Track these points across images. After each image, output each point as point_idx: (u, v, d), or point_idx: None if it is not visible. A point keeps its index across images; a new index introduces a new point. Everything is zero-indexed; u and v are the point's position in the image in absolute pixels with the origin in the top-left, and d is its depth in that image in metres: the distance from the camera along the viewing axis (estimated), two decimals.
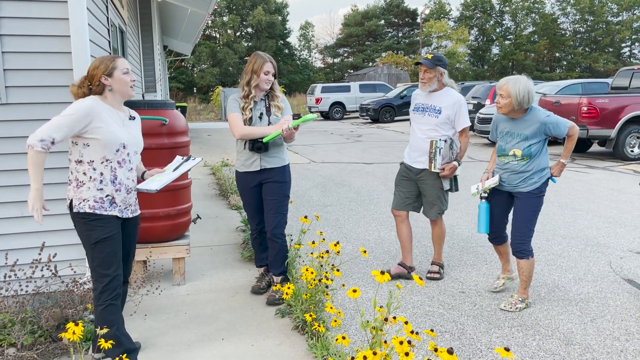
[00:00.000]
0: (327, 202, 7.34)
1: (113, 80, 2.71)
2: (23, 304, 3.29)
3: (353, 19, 57.60)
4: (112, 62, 2.71)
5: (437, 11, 56.04)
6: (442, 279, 4.31)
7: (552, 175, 3.71)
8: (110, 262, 2.71)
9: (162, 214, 4.05)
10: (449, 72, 4.22)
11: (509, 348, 1.78)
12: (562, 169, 3.72)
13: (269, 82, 3.76)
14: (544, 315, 3.64)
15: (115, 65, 2.71)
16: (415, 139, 4.19)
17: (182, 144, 4.14)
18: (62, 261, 3.56)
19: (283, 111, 3.85)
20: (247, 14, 50.33)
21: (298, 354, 3.07)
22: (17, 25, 3.39)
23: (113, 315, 2.73)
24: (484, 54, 55.14)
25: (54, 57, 3.47)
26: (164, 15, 14.28)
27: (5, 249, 3.48)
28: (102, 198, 2.70)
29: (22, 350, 3.10)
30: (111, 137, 2.66)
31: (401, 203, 4.33)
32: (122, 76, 2.73)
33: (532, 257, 3.70)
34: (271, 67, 3.75)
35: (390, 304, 2.29)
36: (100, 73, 2.69)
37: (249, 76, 3.74)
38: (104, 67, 2.69)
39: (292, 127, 3.58)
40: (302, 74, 53.78)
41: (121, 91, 2.75)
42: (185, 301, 3.88)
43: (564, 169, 3.74)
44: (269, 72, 3.73)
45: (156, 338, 3.29)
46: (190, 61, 45.67)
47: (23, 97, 3.45)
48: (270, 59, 3.80)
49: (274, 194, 3.82)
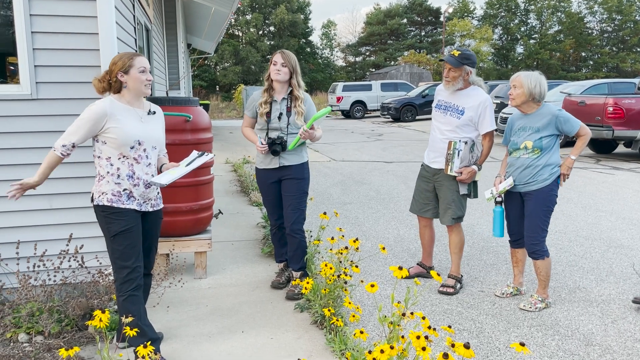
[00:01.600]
0: (347, 200, 7.36)
1: (128, 78, 2.76)
2: (51, 294, 3.40)
3: (375, 17, 57.44)
4: (130, 60, 2.77)
5: (460, 10, 55.55)
6: (456, 294, 4.00)
7: (561, 172, 3.64)
8: (129, 254, 2.78)
9: (185, 208, 4.13)
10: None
11: (524, 343, 1.79)
12: (571, 165, 3.63)
13: (277, 72, 3.74)
14: (564, 316, 3.62)
15: (132, 63, 2.76)
16: (434, 139, 4.04)
17: (205, 140, 4.21)
18: (89, 253, 3.66)
19: (306, 114, 3.83)
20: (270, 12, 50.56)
21: (316, 347, 3.11)
22: (48, 23, 3.49)
23: (134, 306, 2.80)
24: (508, 53, 54.47)
25: (83, 54, 3.56)
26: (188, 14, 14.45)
27: (34, 240, 3.59)
28: (119, 192, 2.77)
29: (49, 338, 3.21)
30: (125, 135, 2.73)
31: (419, 208, 4.20)
32: (138, 74, 2.77)
33: (548, 257, 3.68)
34: (280, 57, 3.75)
35: (407, 300, 2.31)
36: (117, 69, 2.76)
37: (268, 69, 3.81)
38: (122, 63, 2.76)
39: (307, 128, 3.63)
40: (323, 72, 53.84)
41: (135, 89, 2.79)
42: (206, 294, 3.95)
43: (572, 166, 3.66)
44: (277, 62, 3.74)
45: (178, 329, 3.37)
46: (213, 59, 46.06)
47: (52, 93, 3.56)
48: (283, 51, 3.79)
49: (292, 191, 3.87)
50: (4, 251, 3.53)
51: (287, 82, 3.82)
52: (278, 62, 3.75)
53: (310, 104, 3.90)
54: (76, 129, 2.70)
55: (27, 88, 3.51)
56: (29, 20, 3.45)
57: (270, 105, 3.83)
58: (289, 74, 3.77)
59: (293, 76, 3.80)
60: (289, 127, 3.81)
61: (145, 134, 2.82)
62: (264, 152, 3.76)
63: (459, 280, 4.09)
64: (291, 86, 3.83)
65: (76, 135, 2.70)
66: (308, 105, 3.88)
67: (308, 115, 3.83)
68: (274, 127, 3.83)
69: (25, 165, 3.55)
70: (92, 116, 2.69)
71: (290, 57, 3.77)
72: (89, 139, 2.75)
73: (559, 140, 3.67)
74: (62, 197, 3.65)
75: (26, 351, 3.08)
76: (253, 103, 3.92)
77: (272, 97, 3.84)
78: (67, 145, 2.69)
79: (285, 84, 3.83)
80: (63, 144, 2.69)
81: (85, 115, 2.71)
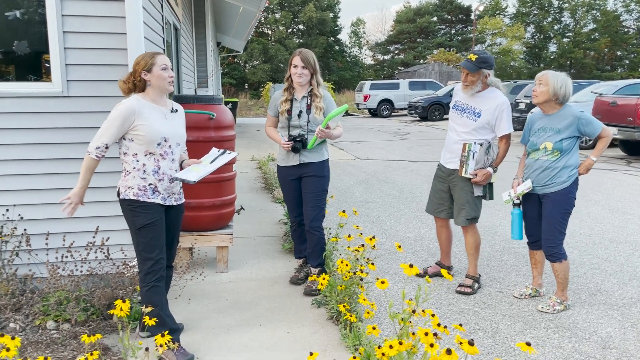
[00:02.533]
0: (369, 199, 7.39)
1: (152, 76, 2.87)
2: (78, 283, 3.54)
3: (405, 15, 57.04)
4: (152, 59, 2.88)
5: (492, 8, 54.70)
6: (474, 294, 4.01)
7: (579, 173, 3.61)
8: (154, 246, 2.89)
9: (207, 204, 4.24)
10: (503, 70, 4.05)
11: (530, 343, 1.81)
12: (590, 167, 3.60)
13: (298, 75, 3.80)
14: (583, 319, 3.59)
15: (154, 62, 2.87)
16: (449, 139, 4.03)
17: (228, 137, 4.31)
18: (114, 245, 3.79)
19: (325, 110, 3.89)
20: (299, 10, 50.72)
21: (331, 342, 3.17)
22: (78, 23, 3.63)
23: (157, 296, 2.91)
24: (541, 52, 53.39)
25: (111, 53, 3.69)
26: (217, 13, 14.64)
27: (63, 232, 3.74)
28: (145, 186, 2.88)
29: (75, 326, 3.35)
30: (153, 132, 2.83)
31: (434, 208, 4.21)
32: (160, 72, 2.87)
33: (566, 260, 3.65)
34: (298, 60, 3.80)
35: (418, 297, 2.35)
36: (140, 69, 2.87)
37: (288, 70, 3.88)
38: (144, 63, 2.87)
39: (322, 127, 3.68)
40: (351, 70, 53.74)
41: (159, 86, 2.90)
42: (227, 288, 4.05)
43: (591, 167, 3.63)
44: (298, 66, 3.80)
45: (198, 321, 3.47)
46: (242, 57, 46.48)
47: (82, 90, 3.70)
48: (301, 52, 3.84)
49: (312, 188, 3.93)
50: (34, 242, 3.68)
51: (308, 82, 3.90)
52: (298, 66, 3.81)
53: (329, 101, 3.95)
54: (106, 129, 2.81)
55: (58, 85, 3.66)
56: (61, 21, 3.59)
57: (291, 103, 3.90)
58: (309, 75, 3.85)
59: (313, 76, 3.87)
60: (309, 124, 3.87)
61: (170, 130, 2.92)
62: (288, 148, 3.83)
63: (476, 280, 4.08)
64: (311, 85, 3.89)
65: (107, 135, 2.80)
66: (327, 102, 3.93)
67: (327, 112, 3.89)
68: (294, 125, 3.90)
69: (55, 160, 3.70)
70: (121, 115, 2.80)
71: (309, 58, 3.83)
72: (120, 136, 2.85)
73: (579, 142, 3.64)
74: (89, 191, 3.74)
75: (54, 338, 3.22)
76: (275, 102, 4.00)
77: (292, 95, 3.92)
78: (101, 147, 2.80)
79: (307, 84, 3.90)
80: (97, 147, 2.80)
81: (113, 115, 2.82)
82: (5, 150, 3.63)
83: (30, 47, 3.69)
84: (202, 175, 2.96)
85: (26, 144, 3.66)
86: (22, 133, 3.65)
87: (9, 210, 3.67)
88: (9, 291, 3.51)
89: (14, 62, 3.72)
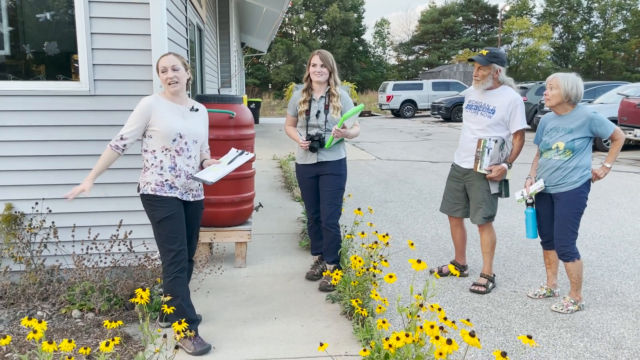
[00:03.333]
0: (388, 198, 7.44)
1: (159, 77, 3.04)
2: (102, 275, 3.69)
3: (430, 15, 56.73)
4: (158, 61, 3.05)
5: (519, 7, 53.99)
6: (488, 293, 4.04)
7: (597, 176, 3.62)
8: (174, 238, 3.01)
9: (226, 200, 4.36)
10: (529, 71, 4.09)
11: (531, 336, 1.86)
12: (606, 172, 3.64)
13: (317, 74, 3.90)
14: (596, 319, 3.59)
15: (157, 64, 3.05)
16: (464, 139, 4.07)
17: (248, 136, 4.42)
18: (137, 239, 3.94)
19: (342, 110, 3.97)
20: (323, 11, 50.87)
21: (343, 336, 3.25)
22: (105, 25, 3.78)
23: (179, 287, 3.03)
24: (569, 53, 52.50)
25: (136, 53, 3.83)
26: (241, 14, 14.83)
27: (88, 225, 3.90)
28: (162, 182, 3.01)
29: (99, 315, 3.49)
30: (167, 128, 2.96)
31: (449, 208, 4.26)
32: (160, 74, 3.03)
33: (579, 259, 3.66)
34: (318, 59, 3.90)
35: (426, 292, 2.41)
36: (156, 69, 3.06)
37: (307, 70, 3.97)
38: (157, 64, 3.06)
39: (338, 127, 3.76)
40: (375, 71, 53.70)
41: (164, 87, 3.05)
42: (244, 282, 4.16)
43: (607, 173, 3.65)
44: (316, 64, 3.89)
45: (216, 313, 3.58)
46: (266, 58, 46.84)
47: (108, 90, 3.85)
48: (320, 52, 3.94)
49: (329, 186, 4.01)
50: (61, 234, 3.85)
51: (326, 81, 3.98)
52: (317, 64, 3.90)
53: (346, 101, 4.02)
54: (127, 123, 2.98)
55: (85, 85, 3.82)
56: (89, 22, 3.75)
57: (309, 103, 4.00)
58: (328, 73, 3.94)
59: (331, 75, 3.95)
60: (326, 124, 3.96)
61: (186, 128, 3.04)
62: (306, 147, 3.93)
63: (491, 280, 4.11)
64: (329, 84, 3.98)
65: (127, 128, 2.96)
66: (344, 101, 4.01)
67: (344, 111, 3.96)
68: (312, 125, 3.99)
69: (82, 156, 3.86)
70: (138, 110, 2.97)
71: (327, 58, 3.93)
72: (139, 132, 2.98)
73: (592, 143, 3.64)
74: (115, 186, 3.94)
75: (78, 326, 3.37)
76: (294, 102, 4.10)
77: (311, 95, 4.01)
78: (117, 137, 2.95)
79: (325, 84, 3.99)
80: (115, 138, 2.95)
81: (134, 110, 2.99)
82: (35, 147, 3.81)
83: (59, 47, 3.86)
84: (219, 176, 3.06)
85: (55, 141, 3.83)
86: (52, 130, 3.81)
87: (38, 203, 3.84)
88: (37, 280, 3.68)
89: (44, 62, 3.89)
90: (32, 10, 3.80)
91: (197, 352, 2.97)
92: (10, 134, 3.77)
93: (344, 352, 3.05)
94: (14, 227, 3.80)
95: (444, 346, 1.84)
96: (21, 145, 3.79)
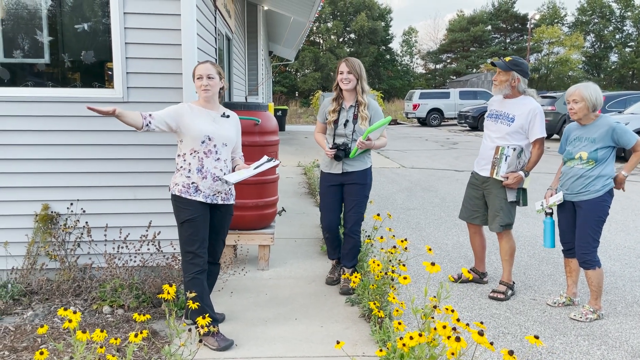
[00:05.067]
0: (411, 206, 7.49)
1: (195, 84, 3.21)
2: (131, 273, 3.86)
3: (458, 24, 56.44)
4: (194, 69, 3.22)
5: (550, 16, 53.31)
6: (507, 300, 4.07)
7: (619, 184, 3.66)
8: (193, 240, 3.15)
9: (251, 204, 4.50)
10: (560, 80, 4.12)
11: (538, 336, 1.92)
12: (622, 181, 3.66)
13: (344, 81, 3.94)
14: (615, 328, 3.60)
15: (193, 72, 3.23)
16: (484, 147, 4.11)
17: (272, 142, 4.56)
18: (165, 240, 4.10)
19: (371, 119, 4.00)
20: (351, 20, 51.12)
21: (362, 338, 3.33)
22: (138, 35, 3.97)
23: (195, 287, 3.14)
24: (601, 62, 51.54)
25: (167, 62, 4.01)
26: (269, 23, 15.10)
27: (119, 226, 4.08)
28: (188, 184, 3.15)
29: (128, 311, 3.66)
30: (196, 129, 3.12)
31: (468, 215, 4.30)
32: (195, 81, 3.21)
33: (600, 267, 3.67)
34: (345, 66, 3.95)
35: (440, 294, 2.48)
36: (192, 76, 3.24)
37: (335, 79, 4.06)
38: (193, 70, 3.23)
39: (363, 139, 3.82)
40: (402, 79, 53.60)
41: (198, 93, 3.23)
42: (267, 284, 4.28)
43: (624, 182, 3.68)
44: (343, 72, 3.95)
45: (239, 312, 3.71)
46: (293, 66, 47.25)
47: (140, 97, 4.03)
48: (347, 59, 3.98)
49: (354, 195, 4.08)
50: (94, 234, 4.04)
51: (354, 89, 4.01)
52: (344, 71, 3.96)
53: (375, 111, 4.05)
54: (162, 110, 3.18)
55: (119, 92, 4.01)
56: (124, 33, 3.95)
57: (339, 113, 4.06)
58: (355, 80, 3.97)
59: (359, 82, 3.99)
60: (354, 134, 4.01)
61: (215, 131, 3.19)
62: (331, 156, 4.01)
63: (510, 287, 4.14)
64: (356, 92, 4.01)
65: (158, 112, 3.13)
66: (373, 111, 4.03)
67: (373, 121, 4.01)
68: (340, 134, 4.06)
69: (114, 159, 4.05)
70: (175, 106, 3.20)
71: (355, 65, 3.97)
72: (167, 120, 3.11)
73: (614, 152, 3.67)
74: (144, 189, 4.12)
75: (109, 321, 3.54)
76: (324, 109, 4.17)
77: (340, 104, 4.07)
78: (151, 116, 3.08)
79: (354, 91, 4.01)
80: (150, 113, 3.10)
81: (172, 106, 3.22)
82: (71, 150, 4.01)
83: (95, 56, 4.07)
84: (239, 179, 3.19)
85: (90, 145, 4.02)
86: (87, 135, 4.01)
87: (72, 204, 4.05)
88: (71, 277, 3.87)
89: (80, 70, 4.10)
90: (71, 21, 4.02)
91: (221, 348, 3.10)
92: (47, 138, 3.98)
93: (362, 352, 3.13)
94: (50, 227, 4.01)
95: (453, 343, 1.91)
96: (57, 149, 4.00)
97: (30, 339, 3.31)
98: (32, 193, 4.01)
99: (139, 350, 3.08)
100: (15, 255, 4.02)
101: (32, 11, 3.98)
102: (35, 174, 4.00)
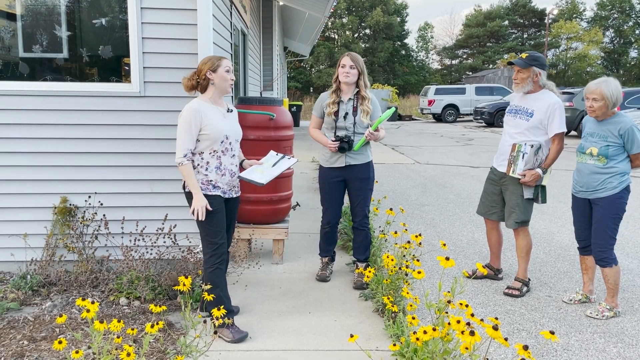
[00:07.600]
0: (425, 202, 7.47)
1: (216, 76, 3.15)
2: (147, 265, 3.91)
3: (475, 19, 55.91)
4: (219, 61, 3.17)
5: (568, 11, 52.55)
6: (522, 297, 4.04)
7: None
8: (216, 232, 3.18)
9: (265, 198, 4.52)
10: (578, 76, 4.07)
11: (554, 331, 1.91)
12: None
13: (346, 75, 3.92)
14: (632, 326, 3.56)
15: (220, 63, 3.16)
16: (503, 143, 4.08)
17: (287, 137, 4.57)
18: (181, 233, 4.15)
19: (371, 114, 4.01)
20: (366, 15, 50.91)
21: (375, 332, 3.34)
22: (155, 30, 4.01)
23: (218, 278, 3.19)
24: (620, 58, 50.71)
25: (183, 57, 4.04)
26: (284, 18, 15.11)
27: (136, 219, 4.13)
28: (207, 181, 3.17)
29: (144, 303, 3.70)
30: (217, 131, 3.11)
31: (485, 210, 4.28)
32: (224, 73, 3.16)
33: (617, 265, 3.63)
34: (348, 60, 3.94)
35: (454, 289, 2.48)
36: (207, 68, 3.15)
37: (336, 72, 4.06)
38: (211, 63, 3.16)
39: (372, 130, 3.84)
40: (417, 75, 53.31)
41: (221, 87, 3.18)
42: (281, 278, 4.31)
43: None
44: (346, 65, 3.93)
45: (253, 305, 3.74)
46: (308, 61, 47.23)
47: (157, 91, 4.07)
48: (350, 54, 3.97)
49: (360, 189, 4.10)
50: (111, 227, 4.10)
51: (354, 83, 4.00)
52: (347, 65, 3.95)
53: (375, 105, 4.06)
54: (182, 139, 3.06)
55: (136, 86, 4.05)
56: (141, 28, 3.98)
57: (338, 105, 4.05)
58: (357, 75, 3.96)
59: (360, 77, 3.99)
60: (355, 126, 4.02)
61: (230, 128, 3.21)
62: (334, 149, 4.00)
63: (525, 284, 4.11)
64: (358, 87, 4.02)
65: (186, 142, 3.05)
66: (373, 105, 4.05)
67: (373, 115, 4.02)
68: (340, 127, 4.04)
69: (131, 153, 4.10)
70: (187, 120, 3.05)
71: (357, 59, 3.97)
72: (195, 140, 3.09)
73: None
74: (160, 183, 4.16)
75: (125, 312, 3.59)
76: (321, 103, 4.14)
77: (339, 97, 4.06)
78: (187, 154, 3.07)
79: (353, 85, 4.01)
80: (184, 155, 3.05)
81: (181, 124, 3.06)
82: (89, 144, 4.07)
83: (112, 51, 4.11)
84: (269, 179, 3.27)
85: (107, 139, 4.08)
86: (104, 129, 4.07)
87: (90, 197, 4.10)
88: (88, 269, 3.93)
89: (97, 65, 4.15)
90: (89, 16, 4.07)
91: (235, 340, 3.13)
92: (67, 131, 4.04)
93: (375, 346, 3.14)
94: (69, 219, 4.07)
95: (467, 337, 1.91)
96: (76, 142, 4.06)
97: (48, 329, 3.37)
98: (51, 186, 4.08)
99: (155, 341, 3.13)
100: (34, 247, 4.10)
101: (50, 7, 4.03)
102: (54, 167, 4.07)
